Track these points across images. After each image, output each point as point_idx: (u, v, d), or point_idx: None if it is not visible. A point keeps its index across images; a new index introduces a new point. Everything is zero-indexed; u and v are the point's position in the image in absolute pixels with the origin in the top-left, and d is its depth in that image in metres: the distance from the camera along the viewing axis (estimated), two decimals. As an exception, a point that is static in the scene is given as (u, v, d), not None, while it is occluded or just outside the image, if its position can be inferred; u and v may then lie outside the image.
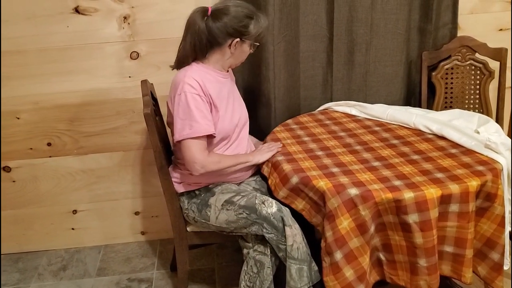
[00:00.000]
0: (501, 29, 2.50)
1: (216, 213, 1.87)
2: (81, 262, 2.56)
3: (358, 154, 1.88)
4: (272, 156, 1.93)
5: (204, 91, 1.81)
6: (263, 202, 1.79)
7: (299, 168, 1.79)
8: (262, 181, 2.07)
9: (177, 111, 1.81)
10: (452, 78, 2.44)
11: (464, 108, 2.45)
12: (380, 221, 1.65)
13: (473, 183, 1.62)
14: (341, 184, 1.65)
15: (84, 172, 2.52)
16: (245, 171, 2.00)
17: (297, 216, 1.79)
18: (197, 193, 1.95)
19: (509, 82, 2.50)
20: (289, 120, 2.27)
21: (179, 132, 1.80)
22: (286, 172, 1.79)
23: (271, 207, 1.78)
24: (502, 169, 1.71)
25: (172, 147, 2.07)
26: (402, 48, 2.35)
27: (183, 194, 1.98)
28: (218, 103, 1.86)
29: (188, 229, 2.03)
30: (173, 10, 2.27)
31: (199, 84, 1.80)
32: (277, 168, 1.86)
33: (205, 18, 1.81)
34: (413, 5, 2.32)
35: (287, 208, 1.80)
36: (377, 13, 2.29)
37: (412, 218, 1.58)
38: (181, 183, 1.97)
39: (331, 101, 2.40)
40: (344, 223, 1.62)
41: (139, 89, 2.14)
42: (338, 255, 1.63)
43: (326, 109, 2.37)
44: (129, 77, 2.37)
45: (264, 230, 1.77)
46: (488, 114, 2.42)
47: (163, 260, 2.54)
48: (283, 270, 1.77)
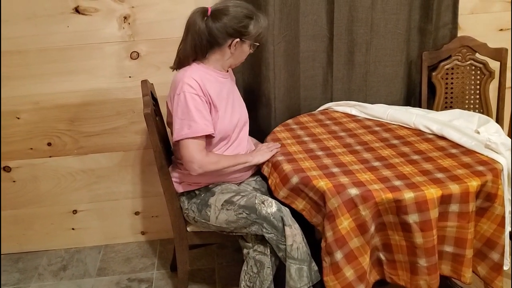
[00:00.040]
0: (501, 29, 2.50)
1: (216, 213, 1.87)
2: (81, 262, 2.56)
3: (358, 154, 1.88)
4: (272, 156, 1.93)
5: (203, 91, 1.81)
6: (262, 202, 1.79)
7: (299, 168, 1.79)
8: (262, 181, 2.07)
9: (176, 111, 1.81)
10: (452, 78, 2.44)
11: (464, 108, 2.45)
12: (380, 221, 1.65)
13: (473, 183, 1.62)
14: (341, 184, 1.65)
15: (84, 172, 2.52)
16: (245, 171, 2.00)
17: (297, 216, 1.79)
18: (197, 193, 1.95)
19: (509, 82, 2.50)
20: (289, 120, 2.27)
21: (178, 132, 1.80)
22: (286, 172, 1.79)
23: (271, 207, 1.78)
24: (502, 169, 1.71)
25: (172, 147, 2.07)
26: (402, 48, 2.35)
27: (183, 194, 1.98)
28: (218, 103, 1.86)
29: (188, 229, 2.03)
30: (173, 10, 2.27)
31: (199, 84, 1.80)
32: (277, 168, 1.86)
33: (205, 19, 1.81)
34: (413, 5, 2.32)
35: (287, 208, 1.79)
36: (378, 13, 2.28)
37: (412, 218, 1.58)
38: (181, 183, 1.97)
39: (331, 101, 2.40)
40: (344, 223, 1.62)
41: (139, 89, 2.14)
42: (339, 255, 1.63)
43: (326, 109, 2.37)
44: (129, 77, 2.37)
45: (264, 230, 1.77)
46: (488, 114, 2.42)
47: (163, 260, 2.54)
48: (283, 270, 1.76)
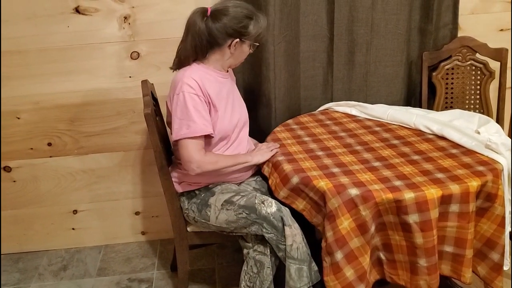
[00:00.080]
0: (501, 30, 2.50)
1: (216, 213, 1.87)
2: (82, 262, 2.56)
3: (359, 154, 1.88)
4: (272, 156, 1.93)
5: (203, 91, 1.81)
6: (262, 202, 1.79)
7: (299, 168, 1.79)
8: (262, 181, 2.07)
9: (175, 110, 1.81)
10: (452, 78, 2.44)
11: (464, 109, 2.45)
12: (380, 221, 1.65)
13: (474, 184, 1.62)
14: (341, 184, 1.65)
15: (85, 172, 2.52)
16: (245, 171, 2.00)
17: (297, 216, 1.79)
18: (197, 193, 1.95)
19: (509, 82, 2.50)
20: (289, 120, 2.27)
21: (177, 131, 1.81)
22: (287, 172, 1.78)
23: (270, 206, 1.78)
24: (503, 170, 1.71)
25: (172, 147, 2.07)
26: (403, 48, 2.34)
27: (183, 194, 1.98)
28: (217, 103, 1.86)
29: (188, 229, 2.03)
30: (174, 10, 2.27)
31: (198, 84, 1.80)
32: (278, 168, 1.85)
33: (205, 19, 1.81)
34: (414, 6, 2.32)
35: (287, 208, 1.79)
36: (378, 13, 2.28)
37: (413, 218, 1.58)
38: (181, 183, 1.97)
39: (332, 101, 2.40)
40: (345, 223, 1.62)
41: (139, 89, 2.14)
42: (339, 255, 1.63)
43: (327, 109, 2.37)
44: (130, 77, 2.37)
45: (264, 230, 1.77)
46: (489, 114, 2.42)
47: (163, 260, 2.54)
48: (283, 270, 1.76)
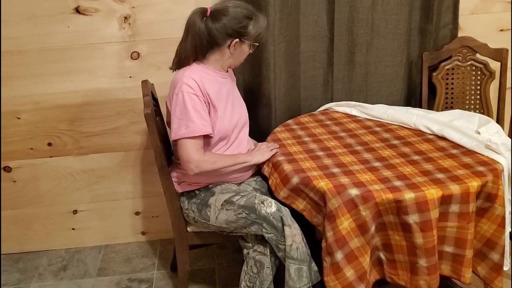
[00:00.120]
0: (501, 30, 2.50)
1: (216, 213, 1.87)
2: (82, 262, 2.56)
3: (359, 154, 1.88)
4: (272, 156, 1.93)
5: (202, 91, 1.81)
6: (262, 202, 1.79)
7: (299, 169, 1.79)
8: (262, 181, 2.07)
9: (175, 110, 1.81)
10: (452, 78, 2.44)
11: (464, 109, 2.45)
12: (380, 221, 1.65)
13: (474, 184, 1.62)
14: (341, 185, 1.65)
15: (85, 172, 2.52)
16: (245, 171, 2.00)
17: (297, 217, 1.79)
18: (197, 193, 1.95)
19: (509, 82, 2.50)
20: (289, 121, 2.27)
21: (176, 131, 1.81)
22: (287, 173, 1.78)
23: (270, 206, 1.78)
24: (503, 170, 1.71)
25: (172, 147, 2.07)
26: (403, 48, 2.34)
27: (183, 194, 1.98)
28: (217, 103, 1.86)
29: (188, 229, 2.03)
30: (174, 10, 2.27)
31: (197, 84, 1.80)
32: (278, 168, 1.85)
33: (204, 19, 1.81)
34: (414, 6, 2.32)
35: (287, 208, 1.79)
36: (378, 14, 2.28)
37: (413, 219, 1.58)
38: (181, 183, 1.97)
39: (332, 102, 2.40)
40: (345, 223, 1.62)
41: (139, 89, 2.14)
42: (339, 255, 1.63)
43: (327, 109, 2.37)
44: (130, 77, 2.37)
45: (264, 230, 1.76)
46: (489, 114, 2.42)
47: (163, 260, 2.54)
48: (283, 270, 1.76)
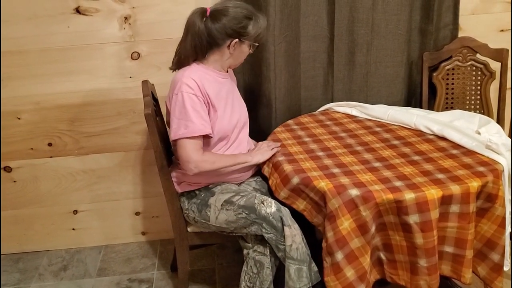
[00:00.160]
0: (502, 30, 2.49)
1: (215, 213, 1.87)
2: (82, 262, 2.56)
3: (359, 154, 1.88)
4: (273, 157, 1.93)
5: (201, 91, 1.81)
6: (262, 202, 1.79)
7: (300, 169, 1.79)
8: (262, 182, 2.07)
9: (174, 110, 1.81)
10: (453, 79, 2.44)
11: (465, 109, 2.44)
12: (381, 221, 1.65)
13: (474, 184, 1.62)
14: (342, 185, 1.65)
15: (85, 172, 2.52)
16: (245, 172, 2.00)
17: (297, 217, 1.79)
18: (197, 193, 1.95)
19: (510, 83, 2.50)
20: (289, 121, 2.27)
21: (175, 131, 1.81)
22: (287, 173, 1.78)
23: (270, 207, 1.78)
24: (503, 170, 1.71)
25: (172, 147, 2.07)
26: (403, 48, 2.34)
27: (183, 194, 1.98)
28: (217, 103, 1.86)
29: (188, 229, 2.03)
30: (174, 10, 2.27)
31: (197, 84, 1.80)
32: (278, 168, 1.85)
33: (204, 19, 1.81)
34: (414, 6, 2.32)
35: (287, 208, 1.79)
36: (378, 14, 2.28)
37: (413, 219, 1.58)
38: (181, 183, 1.97)
39: (332, 102, 2.40)
40: (345, 223, 1.62)
41: (140, 89, 2.14)
42: (339, 256, 1.63)
43: (327, 109, 2.36)
44: (130, 77, 2.37)
45: (263, 230, 1.76)
46: (489, 115, 2.41)
47: (163, 261, 2.54)
48: (283, 270, 1.76)
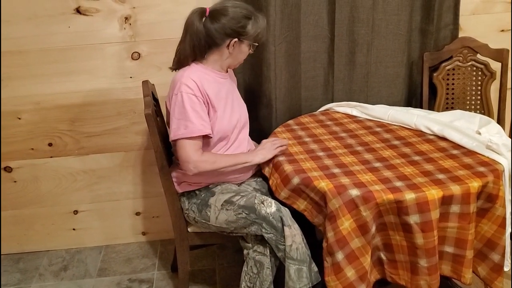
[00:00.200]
0: (502, 30, 2.49)
1: (216, 213, 1.87)
2: (82, 262, 2.56)
3: (359, 155, 1.88)
4: (273, 157, 1.92)
5: (201, 92, 1.81)
6: (262, 202, 1.79)
7: (300, 169, 1.79)
8: (263, 182, 2.07)
9: (173, 110, 1.81)
10: (453, 79, 2.44)
11: (465, 109, 2.44)
12: (381, 222, 1.65)
13: (474, 184, 1.62)
14: (342, 185, 1.65)
15: (85, 172, 2.52)
16: (246, 172, 2.00)
17: (297, 217, 1.79)
18: (197, 193, 1.95)
19: (510, 83, 2.50)
20: (290, 121, 2.27)
21: (175, 131, 1.81)
22: (287, 173, 1.78)
23: (270, 207, 1.78)
24: (504, 170, 1.71)
25: (172, 147, 2.07)
26: (404, 49, 2.34)
27: (183, 194, 1.98)
28: (216, 103, 1.86)
29: (189, 229, 2.03)
30: (175, 11, 2.27)
31: (197, 85, 1.80)
32: (278, 168, 1.85)
33: (203, 19, 1.81)
34: (415, 6, 2.32)
35: (287, 209, 1.79)
36: (379, 14, 2.28)
37: (413, 219, 1.58)
38: (181, 183, 1.97)
39: (332, 102, 2.40)
40: (346, 223, 1.62)
41: (140, 89, 2.14)
42: (340, 256, 1.63)
43: (327, 109, 2.36)
44: (130, 77, 2.37)
45: (263, 230, 1.76)
46: (490, 115, 2.41)
47: (164, 261, 2.54)
48: (283, 270, 1.76)
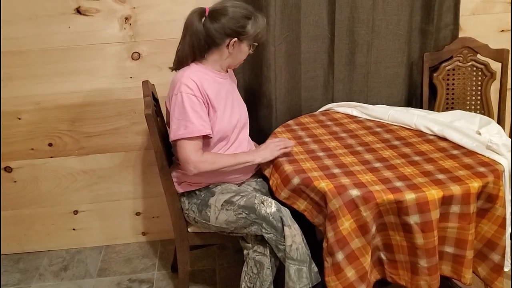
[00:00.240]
0: (502, 30, 2.49)
1: (216, 213, 1.87)
2: (82, 262, 2.56)
3: (360, 155, 1.88)
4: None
5: (201, 92, 1.81)
6: (262, 202, 1.79)
7: (300, 169, 1.79)
8: (263, 182, 2.07)
9: (173, 111, 1.81)
10: (453, 79, 2.44)
11: (465, 109, 2.44)
12: (381, 222, 1.65)
13: (475, 185, 1.62)
14: (342, 185, 1.65)
15: (85, 172, 2.52)
16: (246, 172, 2.00)
17: (297, 217, 1.79)
18: (197, 193, 1.95)
19: (510, 83, 2.50)
20: (290, 121, 2.27)
21: (175, 132, 1.81)
22: (288, 173, 1.78)
23: (270, 207, 1.78)
24: (504, 171, 1.71)
25: (172, 148, 2.07)
26: (404, 49, 2.34)
27: (183, 194, 1.98)
28: (216, 103, 1.86)
29: (189, 229, 2.03)
30: (175, 11, 2.27)
31: (196, 85, 1.80)
32: (279, 169, 1.85)
33: (203, 19, 1.81)
34: (415, 6, 2.32)
35: (287, 209, 1.79)
36: (379, 14, 2.28)
37: (413, 219, 1.58)
38: (181, 183, 1.97)
39: (332, 102, 2.40)
40: (346, 224, 1.62)
41: (140, 89, 2.14)
42: (340, 256, 1.63)
43: (327, 110, 2.36)
44: (131, 77, 2.37)
45: (263, 230, 1.76)
46: (490, 115, 2.41)
47: (164, 261, 2.54)
48: (283, 271, 1.76)
